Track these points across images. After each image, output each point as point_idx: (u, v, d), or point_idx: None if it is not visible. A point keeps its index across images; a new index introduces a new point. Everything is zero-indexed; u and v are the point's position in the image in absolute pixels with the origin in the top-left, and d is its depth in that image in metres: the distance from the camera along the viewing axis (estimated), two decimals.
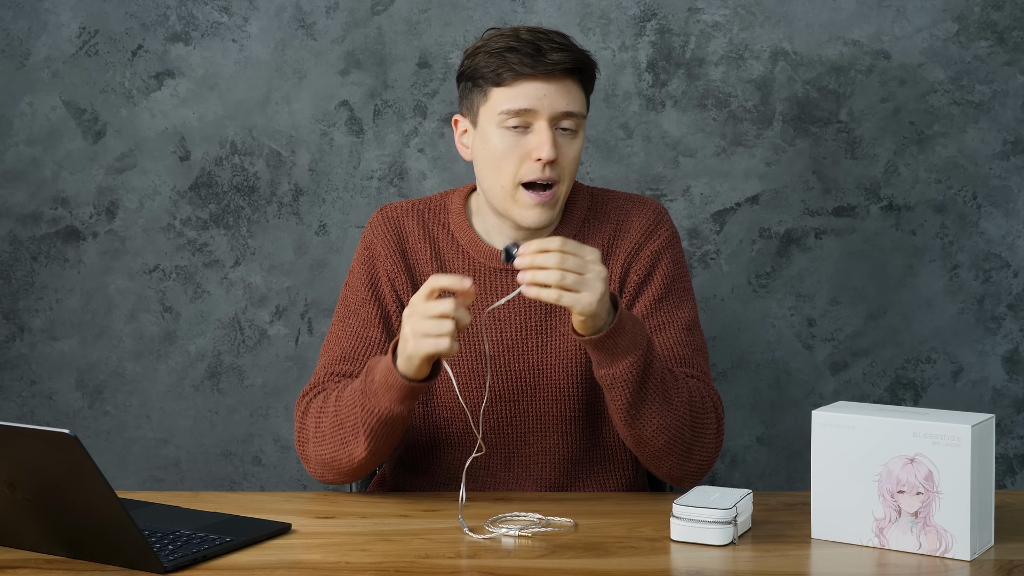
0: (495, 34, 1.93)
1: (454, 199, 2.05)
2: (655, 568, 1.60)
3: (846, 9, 2.60)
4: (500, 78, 1.89)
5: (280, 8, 2.63)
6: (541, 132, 1.89)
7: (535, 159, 1.89)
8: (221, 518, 1.77)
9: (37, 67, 2.65)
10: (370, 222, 2.06)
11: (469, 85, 1.95)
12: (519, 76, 1.88)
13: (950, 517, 1.61)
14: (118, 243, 2.68)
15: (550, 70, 1.88)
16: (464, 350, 1.98)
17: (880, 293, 2.65)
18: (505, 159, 1.90)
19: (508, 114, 1.89)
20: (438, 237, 2.02)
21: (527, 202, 1.91)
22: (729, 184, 2.63)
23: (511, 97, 1.89)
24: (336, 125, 2.65)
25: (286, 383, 2.69)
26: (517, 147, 1.90)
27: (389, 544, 1.69)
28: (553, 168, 1.90)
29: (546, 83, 1.89)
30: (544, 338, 1.98)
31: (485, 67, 1.91)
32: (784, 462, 2.69)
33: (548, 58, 1.88)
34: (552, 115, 1.89)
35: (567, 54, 1.89)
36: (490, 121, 1.91)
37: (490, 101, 1.91)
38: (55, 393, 2.70)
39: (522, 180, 1.91)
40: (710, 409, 1.90)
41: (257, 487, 2.72)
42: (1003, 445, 2.67)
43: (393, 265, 2.00)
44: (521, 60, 1.88)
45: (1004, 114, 2.60)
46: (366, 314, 1.99)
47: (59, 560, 1.63)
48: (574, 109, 1.91)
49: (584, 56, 1.92)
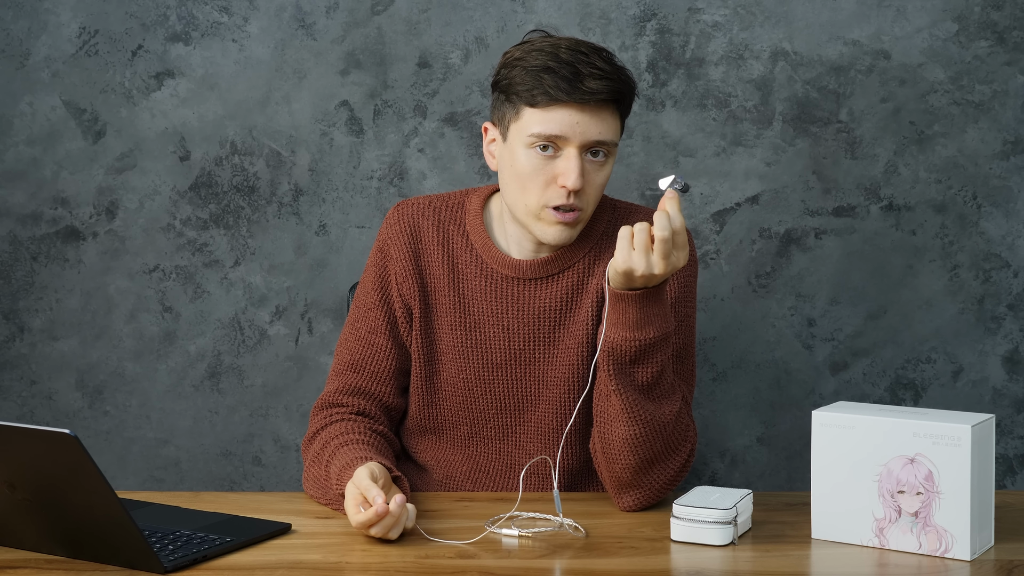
0: (533, 48, 1.87)
1: (473, 200, 2.02)
2: (655, 568, 1.60)
3: (846, 9, 2.59)
4: (534, 99, 1.85)
5: (280, 8, 2.63)
6: (570, 160, 1.85)
7: (560, 185, 1.86)
8: (221, 518, 1.77)
9: (37, 67, 2.65)
10: (386, 218, 2.03)
11: (502, 98, 1.90)
12: (553, 101, 1.84)
13: (950, 517, 1.61)
14: (118, 243, 2.68)
15: (586, 99, 1.83)
16: (472, 355, 1.98)
17: (880, 293, 2.65)
18: (531, 180, 1.87)
19: (538, 137, 1.85)
20: (453, 239, 2.00)
21: (550, 219, 1.88)
22: (729, 184, 2.63)
23: (542, 121, 1.85)
24: (336, 125, 2.65)
25: (286, 383, 2.69)
26: (544, 171, 1.86)
27: (389, 544, 1.69)
28: (578, 196, 1.87)
29: (580, 111, 1.84)
30: (551, 349, 1.97)
31: (520, 84, 1.86)
32: (784, 462, 2.69)
33: (585, 85, 1.83)
34: (583, 144, 1.85)
35: (605, 83, 1.83)
36: (519, 140, 1.87)
37: (522, 120, 1.87)
38: (55, 393, 2.70)
39: (547, 204, 1.87)
40: (689, 437, 1.88)
41: (257, 487, 2.71)
42: (1003, 445, 2.67)
43: (404, 266, 1.99)
44: (557, 84, 1.83)
45: (1004, 114, 2.60)
46: (373, 319, 2.00)
47: (59, 560, 1.62)
48: (606, 138, 1.86)
49: (623, 85, 1.87)
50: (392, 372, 1.99)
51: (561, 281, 1.96)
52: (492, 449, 2.00)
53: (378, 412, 1.99)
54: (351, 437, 1.90)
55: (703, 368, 2.66)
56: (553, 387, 1.96)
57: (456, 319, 1.97)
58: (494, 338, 1.97)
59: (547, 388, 1.96)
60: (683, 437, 1.86)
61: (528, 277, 1.96)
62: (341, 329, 2.65)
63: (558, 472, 1.96)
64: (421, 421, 2.02)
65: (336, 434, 1.91)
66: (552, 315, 1.96)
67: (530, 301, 1.96)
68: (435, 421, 2.01)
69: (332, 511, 1.85)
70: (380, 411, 1.99)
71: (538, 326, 1.96)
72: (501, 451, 2.00)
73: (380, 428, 1.97)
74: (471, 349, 1.97)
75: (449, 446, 2.02)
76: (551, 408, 1.97)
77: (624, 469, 1.83)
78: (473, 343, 1.97)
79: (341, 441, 1.89)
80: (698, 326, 2.64)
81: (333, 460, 1.86)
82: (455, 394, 1.99)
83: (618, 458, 1.82)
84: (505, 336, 1.97)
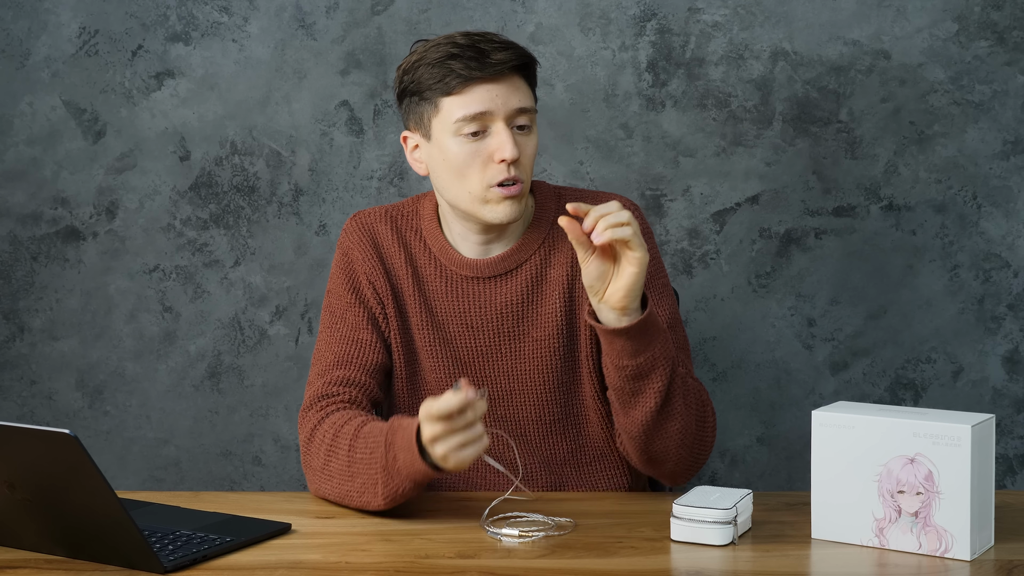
0: (429, 46, 1.92)
1: (425, 205, 2.04)
2: (655, 568, 1.60)
3: (846, 9, 2.60)
4: (449, 87, 1.88)
5: (280, 8, 2.63)
6: (500, 133, 1.88)
7: (498, 161, 1.88)
8: (221, 518, 1.77)
9: (37, 67, 2.65)
10: (344, 229, 2.05)
11: (415, 100, 1.93)
12: (468, 81, 1.87)
13: (950, 517, 1.61)
14: (118, 243, 2.68)
15: (498, 71, 1.88)
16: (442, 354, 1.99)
17: (880, 293, 2.65)
18: (468, 166, 1.90)
19: (464, 121, 1.88)
20: (411, 243, 2.02)
21: (497, 198, 1.90)
22: (729, 184, 2.63)
23: (464, 103, 1.88)
24: (336, 125, 2.65)
25: (286, 383, 2.69)
26: (478, 153, 1.89)
27: (389, 544, 1.69)
28: (516, 166, 1.90)
29: (495, 84, 1.88)
30: (517, 344, 1.98)
31: (430, 79, 1.89)
32: (784, 462, 2.69)
33: (493, 58, 1.88)
34: (507, 114, 1.89)
35: (509, 52, 1.89)
36: (445, 131, 1.90)
37: (442, 111, 1.90)
38: (55, 393, 2.70)
39: (489, 184, 1.90)
40: (707, 402, 1.93)
41: (257, 487, 2.72)
42: (1003, 445, 2.67)
43: (371, 268, 2.00)
44: (467, 65, 1.87)
45: (1004, 114, 2.60)
46: (353, 317, 1.99)
47: (59, 560, 1.63)
48: (526, 105, 1.91)
49: (526, 52, 1.92)
50: (378, 366, 1.98)
51: (520, 276, 1.98)
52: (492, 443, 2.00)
53: (367, 403, 1.96)
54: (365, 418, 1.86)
55: (703, 368, 2.66)
56: (526, 381, 1.98)
57: (424, 319, 1.99)
58: (460, 337, 1.99)
59: (519, 382, 1.98)
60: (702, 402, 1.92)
61: (486, 276, 1.99)
62: None
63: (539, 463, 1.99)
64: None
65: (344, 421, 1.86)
66: (514, 310, 1.98)
67: (491, 299, 1.98)
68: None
69: (333, 511, 1.84)
70: (369, 404, 1.97)
71: (501, 322, 1.98)
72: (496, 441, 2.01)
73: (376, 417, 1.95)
74: (440, 348, 1.99)
75: None
76: (527, 401, 1.98)
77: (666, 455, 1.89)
78: (441, 342, 1.99)
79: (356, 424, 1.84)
80: (698, 326, 2.65)
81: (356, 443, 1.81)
82: (437, 390, 1.99)
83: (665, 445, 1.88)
84: (471, 335, 1.98)
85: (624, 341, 1.80)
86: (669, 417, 1.85)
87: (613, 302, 1.79)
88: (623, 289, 1.78)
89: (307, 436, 1.91)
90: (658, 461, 1.90)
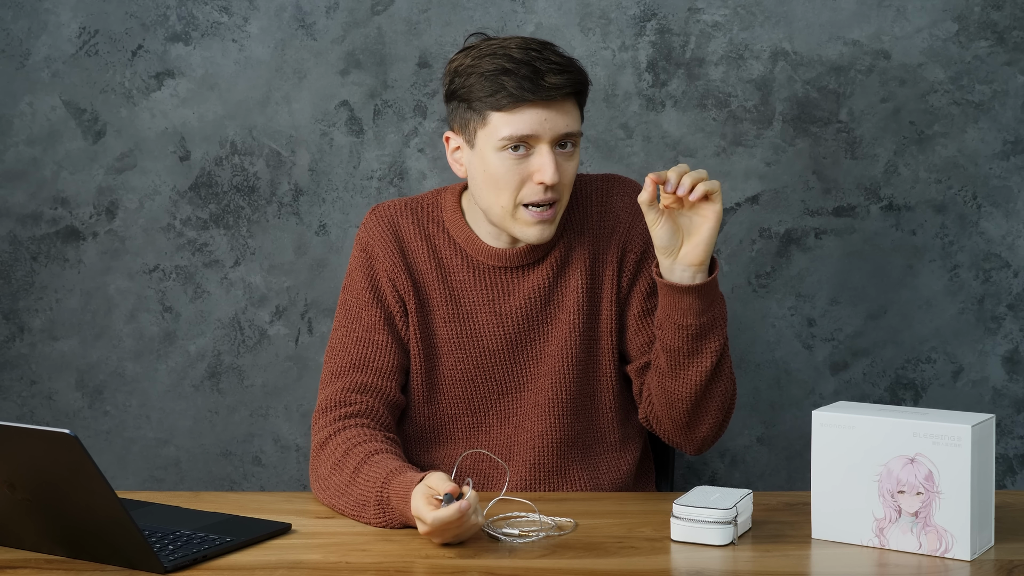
0: (484, 53, 1.90)
1: (447, 197, 2.05)
2: (655, 568, 1.60)
3: (846, 9, 2.60)
4: (499, 104, 1.88)
5: (280, 8, 2.63)
6: (543, 156, 1.89)
7: (537, 182, 1.89)
8: (221, 518, 1.77)
9: (37, 67, 2.65)
10: (364, 222, 2.05)
11: (463, 106, 1.92)
12: (519, 102, 1.87)
13: (950, 517, 1.61)
14: (118, 243, 2.68)
15: (551, 95, 1.87)
16: (468, 346, 1.99)
17: (880, 293, 2.65)
18: (507, 181, 1.90)
19: (509, 140, 1.88)
20: (434, 235, 2.02)
21: (528, 220, 1.92)
22: (729, 184, 2.63)
23: (511, 123, 1.88)
24: (336, 125, 2.65)
25: (286, 383, 2.69)
26: (518, 170, 1.90)
27: (389, 544, 1.69)
28: (554, 189, 1.91)
29: (546, 108, 1.88)
30: (545, 327, 2.00)
31: (480, 91, 1.89)
32: (784, 462, 2.69)
33: (547, 81, 1.86)
34: (554, 138, 1.89)
35: (565, 77, 1.88)
36: (489, 144, 1.90)
37: (489, 125, 1.90)
38: (55, 393, 2.70)
39: (523, 201, 1.91)
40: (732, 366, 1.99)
41: (257, 487, 2.72)
42: (1003, 445, 2.67)
43: (392, 265, 2.00)
44: (520, 85, 1.86)
45: (1004, 114, 2.60)
46: (369, 317, 1.99)
47: (59, 560, 1.63)
48: (573, 130, 1.91)
49: (580, 75, 1.91)
50: (395, 367, 1.99)
51: (547, 262, 2.01)
52: (493, 435, 2.01)
53: (384, 410, 1.96)
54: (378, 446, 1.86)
55: None
56: (550, 361, 2.00)
57: (449, 312, 2.00)
58: (488, 326, 2.00)
59: (544, 363, 2.00)
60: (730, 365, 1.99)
61: (514, 265, 2.00)
62: None
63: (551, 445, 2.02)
64: (421, 420, 2.02)
65: (358, 442, 1.86)
66: (542, 294, 2.00)
67: (519, 286, 2.00)
68: (435, 418, 2.02)
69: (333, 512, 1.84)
70: (386, 409, 1.96)
71: (529, 308, 2.00)
72: (501, 435, 2.02)
73: (392, 436, 1.94)
74: (467, 339, 1.99)
75: (449, 441, 2.02)
76: (547, 381, 2.00)
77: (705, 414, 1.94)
78: (468, 333, 1.99)
79: (368, 449, 1.84)
80: None
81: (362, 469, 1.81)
82: (454, 386, 2.00)
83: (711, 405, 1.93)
84: (499, 323, 2.00)
85: (693, 299, 1.85)
86: (718, 378, 1.90)
87: (692, 258, 1.85)
88: (704, 243, 1.84)
89: (319, 443, 1.91)
90: (695, 424, 1.94)
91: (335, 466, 1.85)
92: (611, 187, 2.05)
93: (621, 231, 2.02)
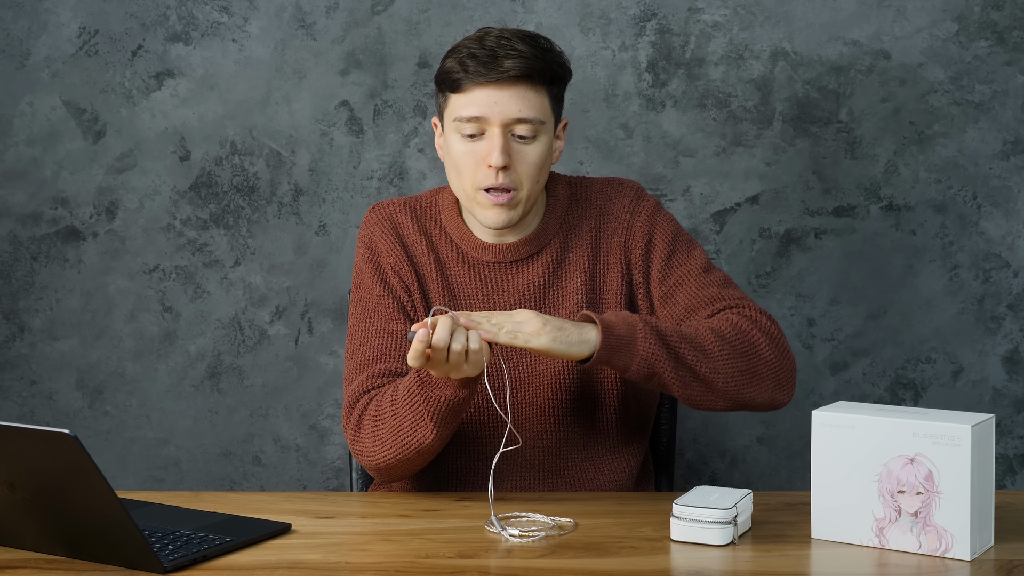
0: (469, 38, 1.95)
1: (444, 196, 2.07)
2: (655, 568, 1.60)
3: (846, 9, 2.60)
4: (457, 85, 1.92)
5: (280, 8, 2.63)
6: (492, 139, 1.91)
7: (488, 165, 1.91)
8: (221, 518, 1.77)
9: (37, 67, 2.65)
10: (364, 221, 2.07)
11: (438, 90, 1.98)
12: (473, 83, 1.90)
13: (950, 517, 1.61)
14: (118, 243, 2.68)
15: (502, 76, 1.89)
16: None
17: (880, 293, 2.65)
18: (464, 164, 1.93)
19: (462, 121, 1.92)
20: (432, 233, 2.05)
21: (485, 203, 1.94)
22: (729, 184, 2.63)
23: (464, 104, 1.91)
24: (336, 125, 2.65)
25: (286, 383, 2.69)
26: (473, 153, 1.93)
27: (389, 544, 1.69)
28: (507, 174, 1.92)
29: (498, 90, 1.90)
30: None
31: (448, 73, 1.93)
32: (784, 462, 2.69)
33: (501, 65, 1.89)
34: (504, 122, 1.91)
35: (519, 60, 1.89)
36: (450, 127, 1.95)
37: (449, 106, 1.95)
38: (55, 393, 2.70)
39: (480, 186, 1.93)
40: (749, 328, 1.92)
41: (257, 487, 2.72)
42: (1003, 445, 2.67)
43: (396, 258, 2.02)
44: (476, 67, 1.89)
45: (1004, 114, 2.60)
46: (385, 309, 2.01)
47: (59, 560, 1.63)
48: (528, 115, 1.91)
49: (539, 63, 1.91)
50: None
51: (540, 259, 2.02)
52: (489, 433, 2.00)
53: None
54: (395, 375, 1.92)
55: None
56: (548, 360, 2.00)
57: (448, 306, 2.01)
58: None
59: (542, 362, 2.00)
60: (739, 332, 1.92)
61: (508, 260, 2.02)
62: (341, 329, 2.66)
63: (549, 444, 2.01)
64: None
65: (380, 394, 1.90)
66: (536, 292, 2.01)
67: (513, 282, 2.01)
68: None
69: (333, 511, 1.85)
70: None
71: (523, 305, 2.01)
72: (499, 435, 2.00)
73: None
74: None
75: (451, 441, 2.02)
76: (546, 381, 2.00)
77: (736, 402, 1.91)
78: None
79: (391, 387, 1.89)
80: None
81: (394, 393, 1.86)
82: None
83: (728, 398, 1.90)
84: None
85: (604, 367, 1.86)
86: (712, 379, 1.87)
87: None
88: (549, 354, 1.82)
89: (354, 429, 1.92)
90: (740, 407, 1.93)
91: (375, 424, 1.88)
92: (611, 190, 2.06)
93: (621, 232, 2.03)
